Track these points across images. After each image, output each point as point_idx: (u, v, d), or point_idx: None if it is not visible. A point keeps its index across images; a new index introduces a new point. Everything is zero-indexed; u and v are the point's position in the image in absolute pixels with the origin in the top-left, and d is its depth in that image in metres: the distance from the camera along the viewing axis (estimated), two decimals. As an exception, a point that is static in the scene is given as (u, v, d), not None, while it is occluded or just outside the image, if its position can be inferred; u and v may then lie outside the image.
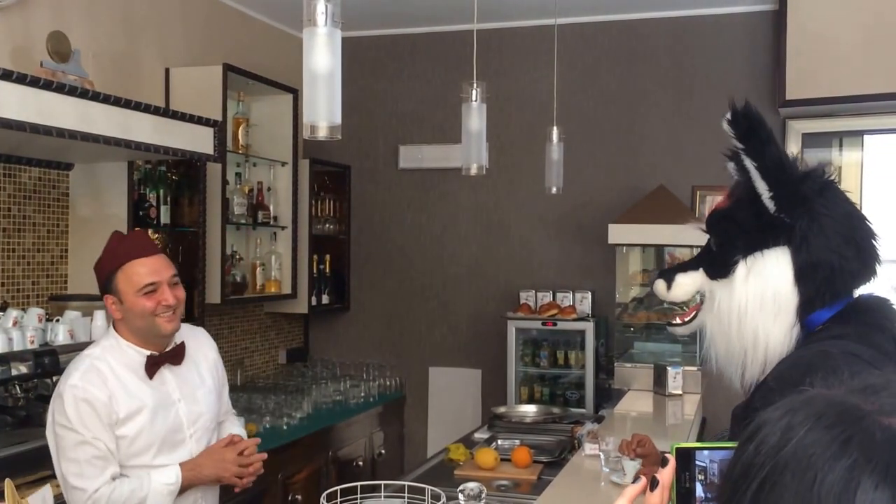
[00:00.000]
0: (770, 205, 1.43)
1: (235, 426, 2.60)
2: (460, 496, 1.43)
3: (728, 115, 1.46)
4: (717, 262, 1.49)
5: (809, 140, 4.60)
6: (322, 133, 1.51)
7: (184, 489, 2.29)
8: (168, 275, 2.29)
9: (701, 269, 1.52)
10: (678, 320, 1.58)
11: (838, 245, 1.42)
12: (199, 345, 2.50)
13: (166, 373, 2.35)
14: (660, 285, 1.59)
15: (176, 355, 2.37)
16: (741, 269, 1.44)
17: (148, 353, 2.31)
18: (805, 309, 1.42)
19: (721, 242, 1.49)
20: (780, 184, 1.43)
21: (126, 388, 2.25)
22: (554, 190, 4.02)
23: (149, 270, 2.26)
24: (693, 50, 4.84)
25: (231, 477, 2.35)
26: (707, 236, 1.57)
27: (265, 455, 2.47)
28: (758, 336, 1.42)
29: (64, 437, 2.19)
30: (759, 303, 1.42)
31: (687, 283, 1.54)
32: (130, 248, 2.29)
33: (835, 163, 4.70)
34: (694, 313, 1.55)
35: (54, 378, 3.08)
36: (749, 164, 1.44)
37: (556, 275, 5.04)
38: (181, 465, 2.30)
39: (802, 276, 1.41)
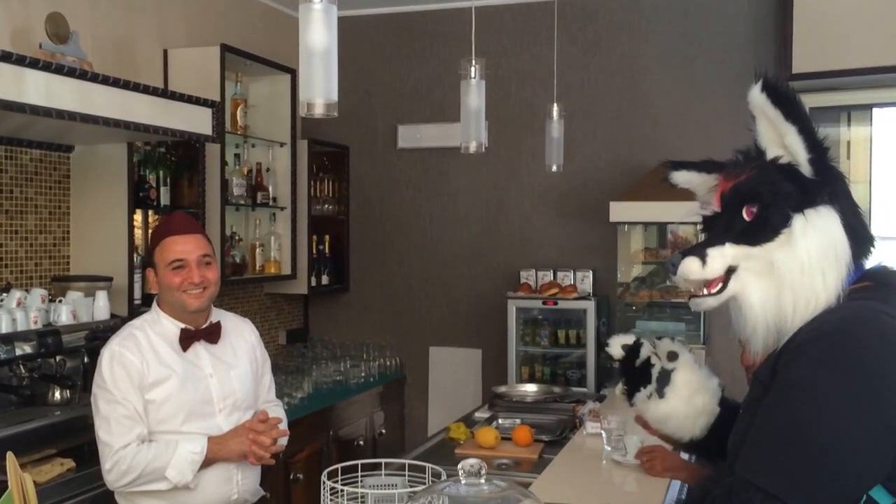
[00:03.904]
0: (808, 168, 1.43)
1: (275, 414, 2.60)
2: (460, 472, 1.44)
3: (760, 83, 1.44)
4: (758, 227, 1.45)
5: (817, 115, 4.54)
6: (319, 110, 1.51)
7: (209, 462, 2.37)
8: (197, 254, 2.43)
9: (728, 244, 1.47)
10: (705, 291, 1.49)
11: (856, 208, 1.47)
12: (240, 329, 2.63)
13: (201, 349, 2.48)
14: (692, 263, 1.48)
15: (211, 333, 2.50)
16: (798, 224, 1.41)
17: (183, 326, 2.46)
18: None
19: (765, 205, 1.44)
20: (818, 147, 1.44)
21: (158, 356, 2.40)
22: (554, 168, 4.01)
23: (179, 248, 2.42)
24: (697, 24, 4.80)
25: (249, 451, 2.39)
26: (710, 217, 1.56)
27: (285, 431, 2.51)
28: (815, 288, 1.40)
29: (99, 395, 2.37)
30: (821, 254, 1.40)
31: (720, 257, 1.47)
32: (169, 227, 2.47)
33: (843, 137, 4.66)
34: (721, 284, 1.48)
35: (57, 358, 3.11)
36: (788, 127, 1.43)
37: (556, 254, 5.04)
38: (209, 438, 2.38)
39: (848, 232, 1.43)
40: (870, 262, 1.50)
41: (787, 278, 1.41)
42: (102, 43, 3.78)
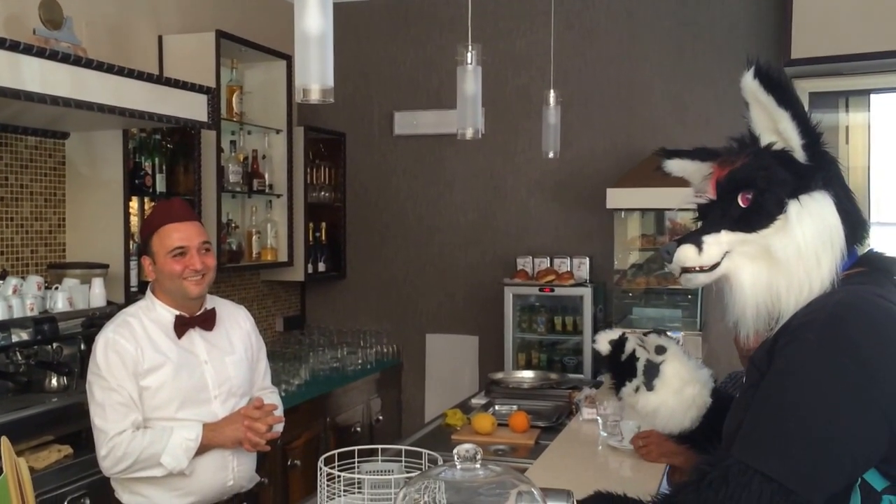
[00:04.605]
0: (801, 154, 1.44)
1: (270, 401, 2.60)
2: (455, 457, 1.44)
3: (752, 69, 1.44)
4: (754, 213, 1.46)
5: (816, 100, 4.53)
6: (314, 96, 1.50)
7: (204, 448, 2.37)
8: (198, 241, 2.43)
9: (723, 231, 1.49)
10: (698, 268, 1.51)
11: (850, 193, 1.46)
12: (234, 316, 2.63)
13: (196, 336, 2.48)
14: (689, 251, 1.50)
15: (206, 320, 2.50)
16: (793, 209, 1.42)
17: (177, 313, 2.45)
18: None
19: (761, 191, 1.45)
20: (811, 133, 1.45)
21: (153, 343, 2.40)
22: (551, 154, 4.00)
23: (180, 235, 2.41)
24: (695, 9, 4.78)
25: (244, 437, 2.40)
26: (706, 205, 1.56)
27: (280, 418, 2.51)
28: (811, 273, 1.40)
29: (94, 382, 2.38)
30: (817, 239, 1.41)
31: (716, 244, 1.49)
32: (166, 214, 2.45)
33: (841, 123, 4.66)
34: (715, 263, 1.51)
35: (54, 345, 3.11)
36: (782, 113, 1.44)
37: (553, 240, 5.04)
38: (204, 425, 2.39)
39: (842, 217, 1.43)
40: (865, 248, 1.51)
41: (783, 263, 1.42)
42: (96, 29, 3.76)
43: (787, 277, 1.42)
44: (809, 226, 1.41)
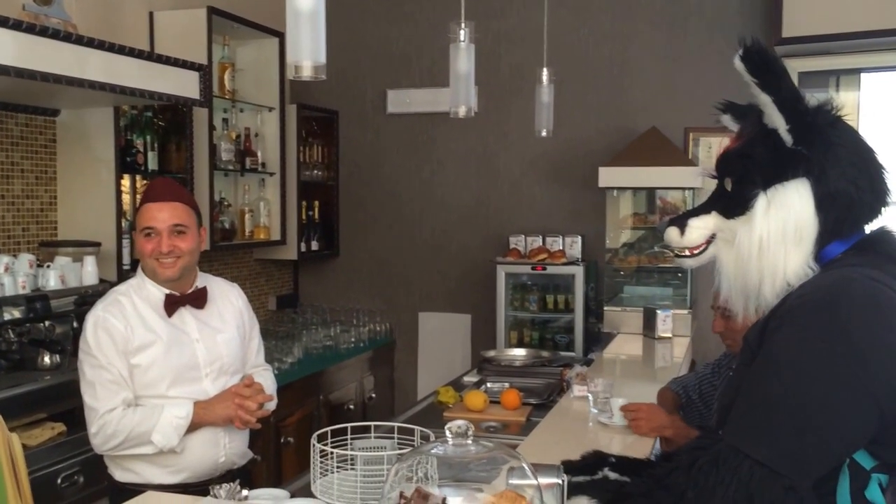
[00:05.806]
0: (787, 137, 1.44)
1: (263, 378, 2.60)
2: (447, 433, 1.46)
3: (740, 52, 1.44)
4: (734, 200, 1.47)
5: (806, 79, 4.54)
6: (306, 73, 1.49)
7: (195, 426, 2.38)
8: (168, 224, 2.39)
9: (713, 213, 1.51)
10: (687, 252, 1.55)
11: (854, 176, 1.43)
12: (227, 294, 2.62)
13: (187, 314, 2.48)
14: (672, 232, 1.56)
15: (196, 298, 2.49)
16: (761, 202, 1.43)
17: (168, 292, 2.44)
18: (822, 240, 1.43)
19: (738, 179, 1.47)
20: (796, 116, 1.44)
21: (143, 321, 2.40)
22: (544, 133, 4.00)
23: (151, 216, 2.40)
24: (687, -12, 4.77)
25: (235, 415, 2.40)
26: (714, 182, 1.57)
27: (271, 396, 2.52)
28: (777, 266, 1.42)
29: (84, 360, 2.38)
30: (780, 234, 1.42)
31: (700, 227, 1.53)
32: (148, 193, 2.45)
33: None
34: (704, 246, 1.54)
35: (46, 322, 3.12)
36: (765, 97, 1.44)
37: (545, 219, 5.05)
38: (195, 403, 2.39)
39: (822, 206, 1.42)
40: (879, 222, 1.49)
41: (744, 252, 1.45)
42: (87, 5, 3.72)
43: (758, 267, 1.44)
44: (774, 220, 1.42)
